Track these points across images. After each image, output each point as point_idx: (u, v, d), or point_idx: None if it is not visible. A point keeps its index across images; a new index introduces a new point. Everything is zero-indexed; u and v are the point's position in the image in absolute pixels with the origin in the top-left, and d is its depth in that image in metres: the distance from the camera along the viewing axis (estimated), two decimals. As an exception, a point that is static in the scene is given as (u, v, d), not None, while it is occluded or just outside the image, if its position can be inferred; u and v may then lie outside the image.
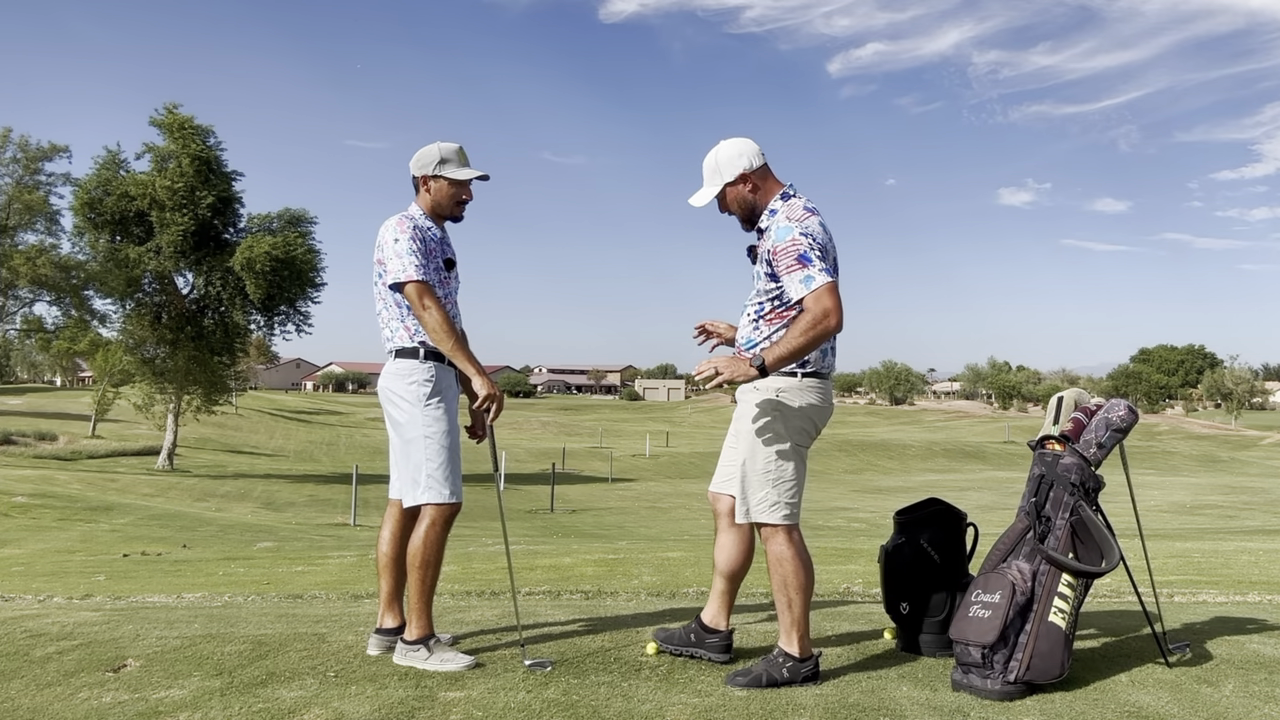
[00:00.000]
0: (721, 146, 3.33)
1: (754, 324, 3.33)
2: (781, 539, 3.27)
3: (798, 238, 3.14)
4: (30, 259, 38.77)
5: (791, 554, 3.26)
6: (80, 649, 3.66)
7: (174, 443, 37.36)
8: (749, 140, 3.33)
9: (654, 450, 55.94)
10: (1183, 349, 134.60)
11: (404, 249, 3.45)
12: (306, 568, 9.44)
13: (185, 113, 34.14)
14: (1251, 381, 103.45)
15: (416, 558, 3.41)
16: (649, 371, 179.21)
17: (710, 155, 3.35)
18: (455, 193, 3.60)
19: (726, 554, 3.52)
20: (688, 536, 16.21)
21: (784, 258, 3.15)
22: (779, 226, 3.19)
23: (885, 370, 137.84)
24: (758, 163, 3.30)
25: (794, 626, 3.25)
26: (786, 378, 3.24)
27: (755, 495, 3.27)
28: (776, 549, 3.28)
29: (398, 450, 3.54)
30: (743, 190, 3.31)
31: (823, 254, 3.14)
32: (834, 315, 3.10)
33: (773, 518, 3.26)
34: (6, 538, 15.31)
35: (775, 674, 3.22)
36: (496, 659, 3.48)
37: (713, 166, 3.34)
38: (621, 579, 7.29)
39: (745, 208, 3.34)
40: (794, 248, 3.14)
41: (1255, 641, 3.93)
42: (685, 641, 3.54)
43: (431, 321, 3.42)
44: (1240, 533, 16.75)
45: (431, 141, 3.62)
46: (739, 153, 3.30)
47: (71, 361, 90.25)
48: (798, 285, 3.13)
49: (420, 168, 3.58)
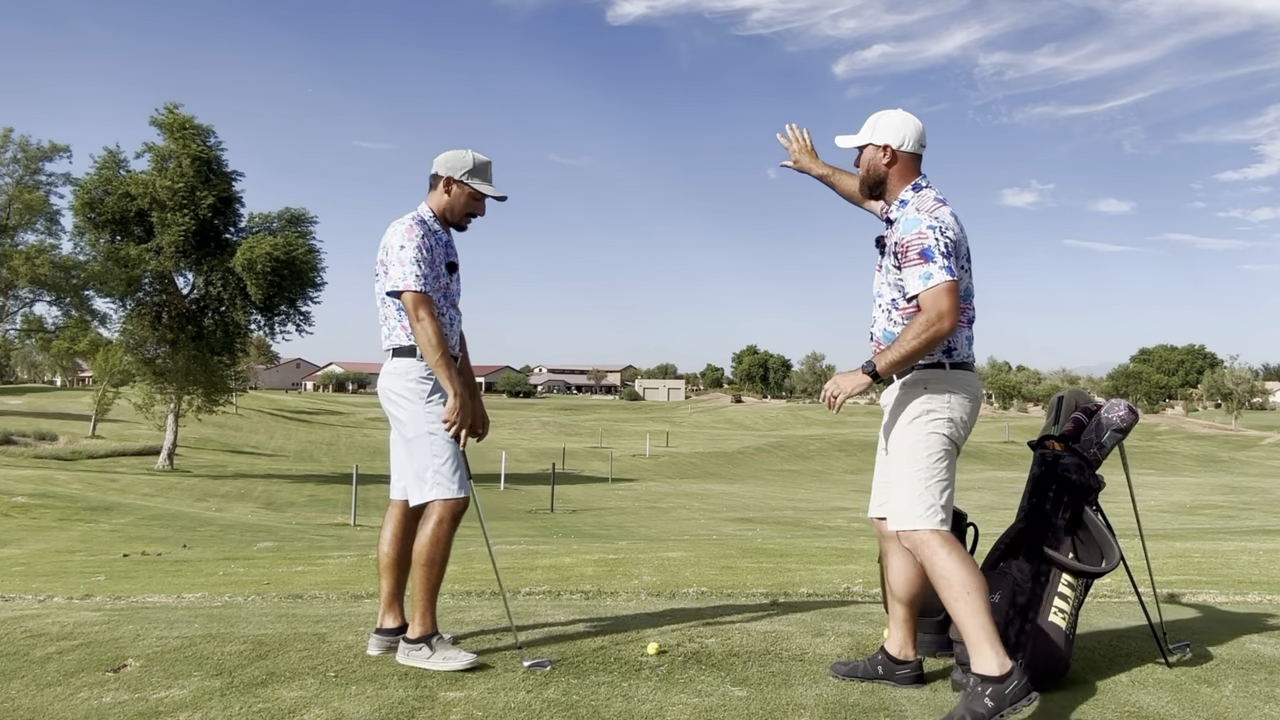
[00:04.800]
0: (893, 112, 3.20)
1: (887, 314, 3.17)
2: (936, 543, 2.97)
3: (924, 230, 2.97)
4: (30, 259, 38.76)
5: (955, 561, 2.92)
6: (80, 649, 3.66)
7: (174, 443, 37.37)
8: (919, 123, 3.18)
9: (654, 450, 55.94)
10: (1183, 349, 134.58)
11: (408, 257, 3.42)
12: (306, 568, 9.44)
13: (186, 112, 34.22)
14: (1251, 381, 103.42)
15: (423, 555, 3.40)
16: (649, 371, 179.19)
17: (877, 113, 3.22)
18: (471, 205, 3.60)
19: (903, 577, 3.26)
20: (688, 536, 16.21)
21: (909, 251, 2.99)
22: (908, 218, 3.04)
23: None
24: (910, 147, 3.15)
25: (983, 639, 2.84)
26: (933, 370, 3.08)
27: (908, 498, 3.03)
28: (934, 555, 2.96)
29: (401, 449, 3.53)
30: (879, 158, 3.17)
31: (949, 250, 2.97)
32: (949, 318, 2.92)
33: (928, 522, 2.98)
34: (6, 538, 15.32)
35: (978, 710, 2.77)
36: (497, 659, 3.48)
37: (872, 123, 3.21)
38: (621, 579, 7.29)
39: (873, 174, 3.20)
40: (919, 241, 2.97)
41: (1255, 641, 3.93)
42: (871, 675, 3.29)
43: (423, 334, 3.39)
44: (1240, 533, 16.74)
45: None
46: (900, 126, 3.16)
47: (71, 361, 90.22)
48: (916, 281, 2.97)
49: (448, 168, 3.56)
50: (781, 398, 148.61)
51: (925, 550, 2.97)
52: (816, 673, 3.36)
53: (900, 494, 3.05)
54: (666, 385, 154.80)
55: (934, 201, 3.06)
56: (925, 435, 3.04)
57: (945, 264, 2.95)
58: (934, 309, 2.93)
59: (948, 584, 2.90)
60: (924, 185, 3.15)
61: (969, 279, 3.14)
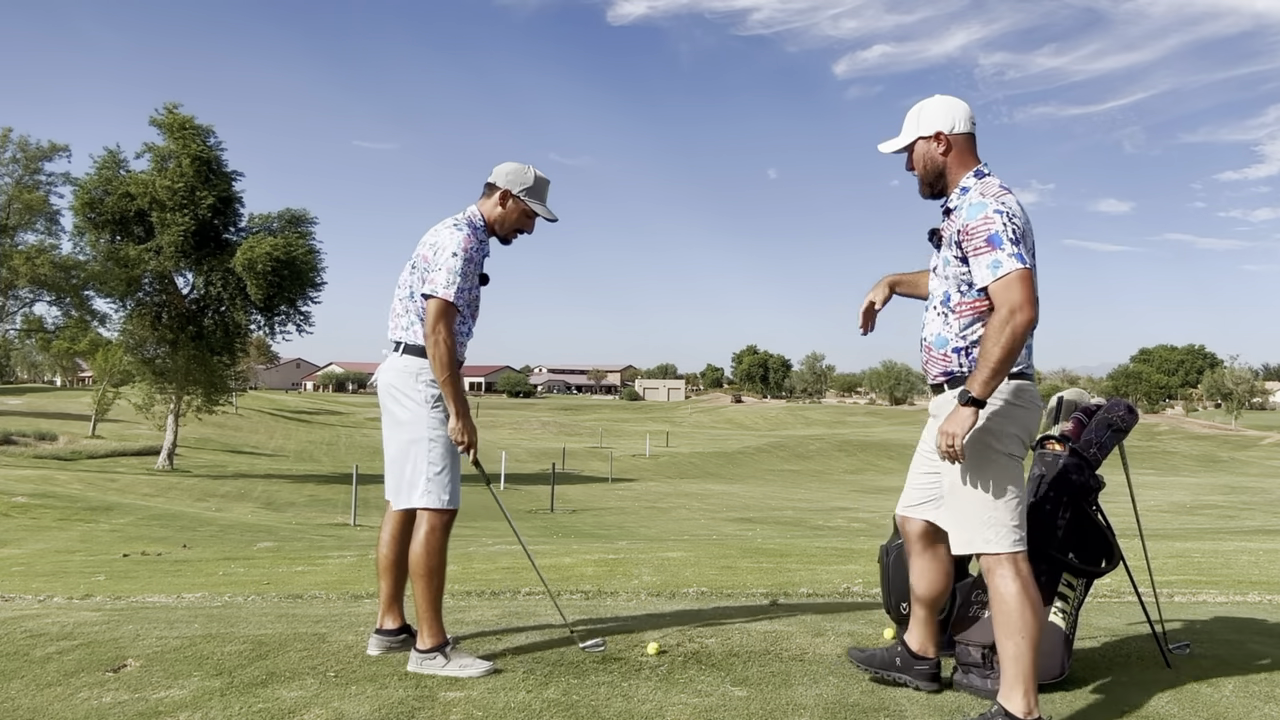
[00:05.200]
0: (933, 98, 3.01)
1: (942, 317, 2.96)
2: (1007, 571, 2.82)
3: (991, 215, 2.78)
4: (30, 259, 38.75)
5: (1018, 589, 2.79)
6: (80, 649, 3.66)
7: (174, 443, 37.36)
8: (963, 102, 2.99)
9: (654, 450, 55.94)
10: (1183, 349, 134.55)
11: (456, 267, 3.38)
12: (306, 568, 9.44)
13: (186, 112, 34.21)
14: (1251, 381, 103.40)
15: (421, 567, 3.36)
16: (649, 371, 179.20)
17: (917, 105, 3.04)
18: (522, 222, 3.60)
19: (927, 580, 3.19)
20: (688, 536, 16.21)
21: (974, 238, 2.80)
22: (970, 204, 2.84)
23: (885, 370, 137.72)
24: (962, 128, 2.96)
25: (1019, 680, 2.76)
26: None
27: (973, 521, 2.86)
28: (1001, 584, 2.81)
29: (396, 449, 3.49)
30: (934, 149, 2.97)
31: (1018, 237, 2.76)
32: (1025, 309, 2.71)
33: (998, 545, 2.82)
34: (6, 538, 15.31)
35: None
36: (496, 659, 3.48)
37: (914, 117, 3.02)
38: (621, 579, 7.29)
39: (931, 169, 2.99)
40: (985, 226, 2.78)
41: (1255, 641, 3.93)
42: (889, 665, 3.24)
43: (439, 347, 3.35)
44: (1240, 533, 16.74)
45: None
46: (946, 110, 2.97)
47: (71, 361, 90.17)
48: (984, 271, 2.77)
49: (507, 181, 3.55)
50: (781, 398, 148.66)
51: (996, 574, 2.83)
52: (816, 673, 3.36)
53: (968, 516, 2.87)
54: (666, 385, 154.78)
55: (999, 188, 2.87)
56: (987, 453, 2.84)
57: (1015, 250, 2.74)
58: (1006, 302, 2.72)
59: (1006, 617, 2.79)
60: (986, 172, 2.96)
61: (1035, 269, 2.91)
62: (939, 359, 2.95)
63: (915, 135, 3.00)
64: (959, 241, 2.86)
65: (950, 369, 2.93)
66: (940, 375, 2.96)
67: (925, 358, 3.02)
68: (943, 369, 2.94)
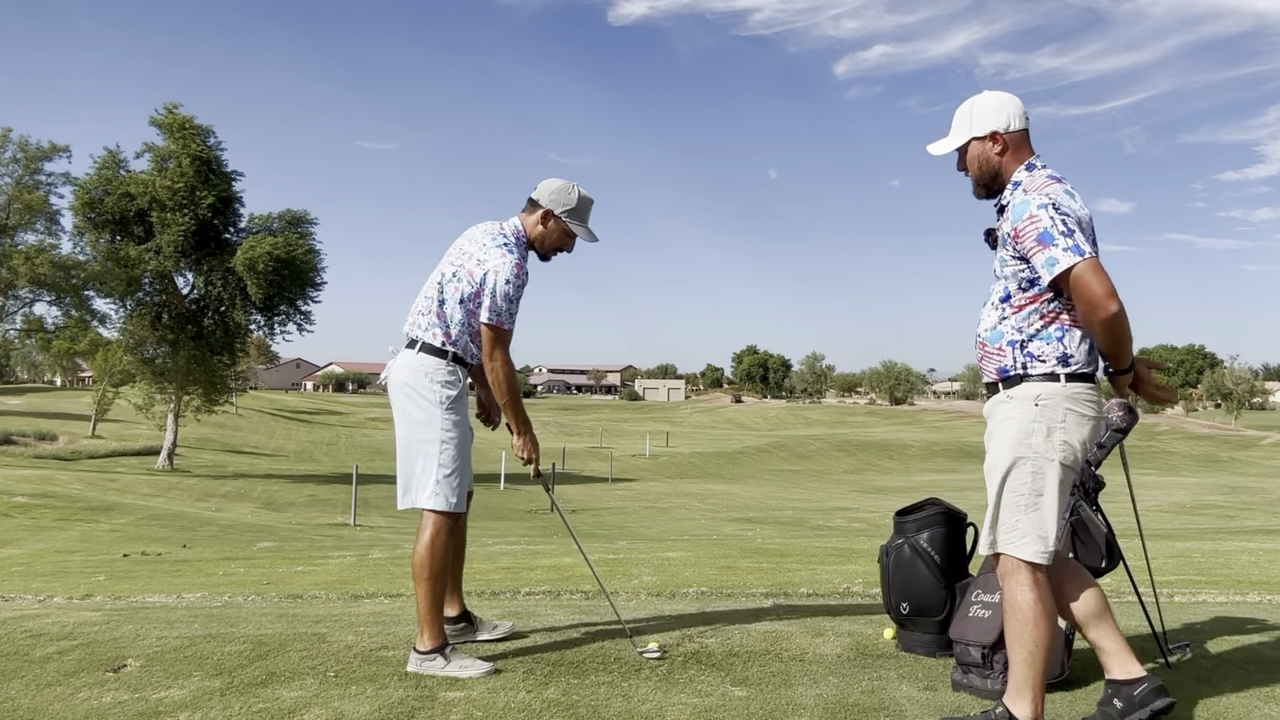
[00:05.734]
0: (983, 95, 2.89)
1: (999, 311, 2.83)
2: (1025, 579, 2.73)
3: (1035, 213, 2.66)
4: (30, 259, 38.75)
5: (1034, 598, 2.71)
6: (80, 649, 3.66)
7: (174, 443, 37.37)
8: (1016, 98, 2.88)
9: (654, 450, 55.95)
10: (1183, 349, 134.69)
11: (511, 293, 3.42)
12: (306, 568, 9.44)
13: (186, 112, 34.24)
14: (1251, 381, 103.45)
15: (425, 569, 3.37)
16: (649, 371, 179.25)
17: (966, 103, 2.91)
18: (563, 241, 3.62)
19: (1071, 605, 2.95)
20: (688, 536, 16.21)
21: (1024, 240, 2.69)
22: (1016, 205, 2.74)
23: (885, 370, 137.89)
24: (1017, 125, 2.84)
25: (1027, 686, 2.70)
26: (1047, 382, 2.73)
27: (1003, 521, 2.77)
28: (1016, 590, 2.74)
29: (406, 447, 3.47)
30: (989, 150, 2.85)
31: (1069, 228, 2.63)
32: (1103, 303, 2.58)
33: (1021, 551, 2.73)
34: (6, 538, 15.31)
35: None
36: (497, 659, 3.48)
37: (965, 116, 2.89)
38: (621, 579, 7.29)
39: (986, 170, 2.88)
40: (1032, 226, 2.66)
41: (1255, 641, 3.94)
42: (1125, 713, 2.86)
43: (499, 372, 3.44)
44: (1240, 533, 16.74)
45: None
46: (999, 107, 2.85)
47: (71, 361, 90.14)
48: (1044, 271, 2.66)
49: (550, 200, 3.57)
50: (781, 398, 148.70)
51: (1011, 580, 2.75)
52: (816, 673, 3.36)
53: (998, 516, 2.78)
54: (666, 385, 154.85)
55: (1046, 179, 2.76)
56: (1032, 457, 2.72)
57: (1069, 243, 2.61)
58: (1081, 302, 2.62)
59: (1020, 625, 2.71)
60: (1037, 164, 2.84)
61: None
62: (994, 354, 2.82)
63: (968, 136, 2.89)
64: (1011, 244, 2.75)
65: (1005, 365, 2.80)
66: (995, 373, 2.83)
67: (980, 354, 2.90)
68: (998, 365, 2.82)
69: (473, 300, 3.45)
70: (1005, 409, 2.78)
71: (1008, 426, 2.76)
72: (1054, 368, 2.73)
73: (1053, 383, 2.72)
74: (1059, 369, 2.72)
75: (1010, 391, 2.77)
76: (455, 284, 3.47)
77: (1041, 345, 2.74)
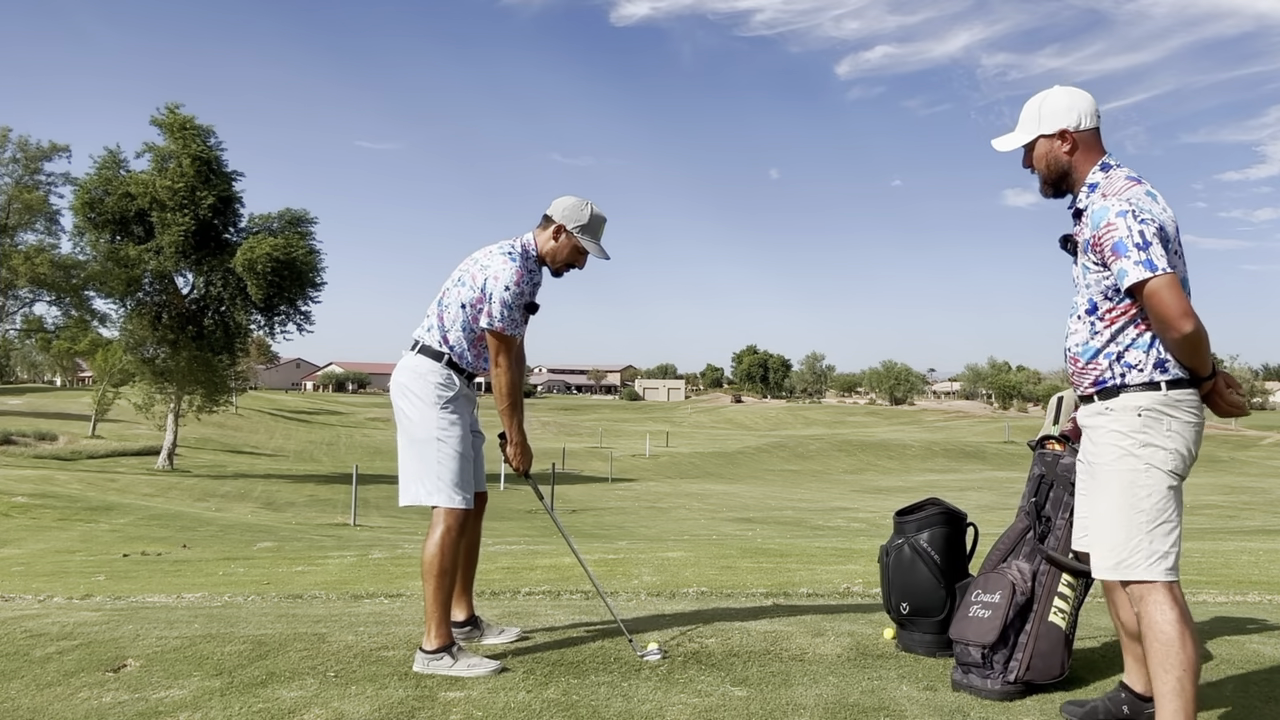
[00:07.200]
0: (1053, 91, 2.79)
1: (1089, 325, 2.73)
2: (1162, 600, 2.58)
3: (1113, 220, 2.56)
4: (30, 259, 38.75)
5: (1175, 616, 2.56)
6: (80, 649, 3.66)
7: (174, 443, 37.38)
8: (1087, 94, 2.76)
9: (654, 450, 55.95)
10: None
11: (509, 299, 3.47)
12: (306, 568, 9.43)
13: (187, 112, 34.27)
14: (1251, 381, 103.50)
15: (434, 566, 3.40)
16: (649, 371, 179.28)
17: (1036, 98, 2.81)
18: (574, 257, 3.65)
19: (1129, 611, 2.88)
20: (688, 536, 16.21)
21: (1102, 249, 2.60)
22: (1096, 208, 2.64)
23: (885, 370, 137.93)
24: (1089, 123, 2.74)
25: (1180, 715, 2.52)
26: (1148, 392, 2.61)
27: (1127, 545, 2.62)
28: (1155, 611, 2.58)
29: (405, 447, 3.53)
30: (1058, 148, 2.75)
31: (1145, 239, 2.52)
32: (1179, 322, 2.50)
33: (1153, 573, 2.59)
34: (6, 538, 15.32)
35: None
36: (497, 659, 3.48)
37: (1033, 112, 2.79)
38: (621, 579, 7.29)
39: (1054, 169, 2.78)
40: (1109, 235, 2.57)
41: (1255, 641, 3.94)
42: (1116, 715, 2.95)
43: (500, 378, 3.51)
44: (1240, 533, 16.74)
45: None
46: (1070, 104, 2.75)
47: (71, 361, 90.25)
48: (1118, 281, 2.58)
49: (563, 216, 3.60)
50: (781, 398, 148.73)
51: (1148, 603, 2.60)
52: (816, 673, 3.36)
53: (1117, 539, 2.64)
54: (666, 385, 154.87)
55: (1124, 181, 2.65)
56: (1144, 471, 2.61)
57: (1142, 257, 2.51)
58: (1154, 319, 2.55)
59: (1165, 649, 2.55)
60: (1112, 164, 2.74)
61: (1183, 267, 2.67)
62: (1089, 369, 2.72)
63: (1037, 133, 2.79)
64: (1092, 252, 2.66)
65: (1101, 378, 2.69)
66: (1090, 386, 2.73)
67: (1071, 369, 2.80)
68: (1093, 379, 2.72)
69: (474, 305, 3.51)
70: (1105, 421, 2.69)
71: (1112, 441, 2.67)
72: (1152, 375, 2.63)
73: (1153, 391, 2.62)
74: (1158, 375, 2.62)
75: (1109, 403, 2.67)
76: (459, 289, 3.55)
77: (1137, 354, 2.65)
